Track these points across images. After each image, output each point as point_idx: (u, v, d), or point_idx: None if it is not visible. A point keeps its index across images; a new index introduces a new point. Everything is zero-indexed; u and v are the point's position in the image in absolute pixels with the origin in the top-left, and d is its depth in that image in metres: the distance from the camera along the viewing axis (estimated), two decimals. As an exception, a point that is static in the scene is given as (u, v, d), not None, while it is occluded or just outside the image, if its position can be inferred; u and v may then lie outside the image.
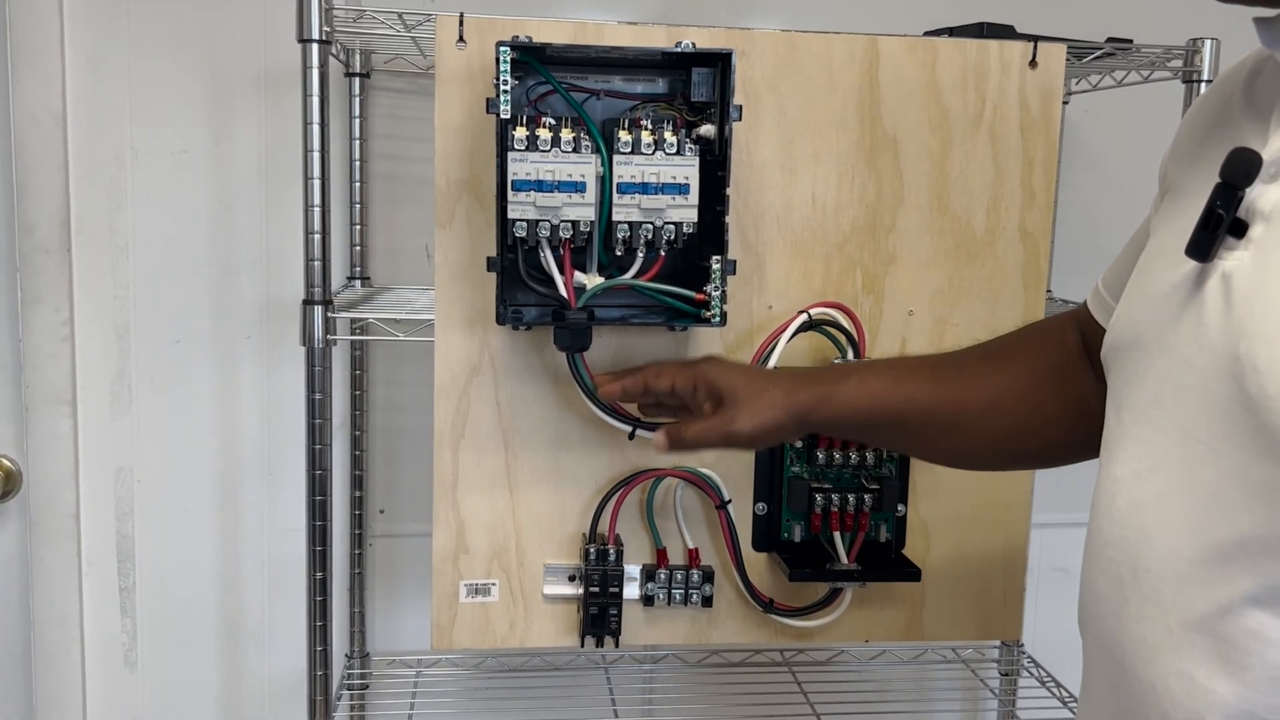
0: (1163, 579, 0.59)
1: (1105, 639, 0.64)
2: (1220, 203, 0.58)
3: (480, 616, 1.19)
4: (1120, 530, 0.63)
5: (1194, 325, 0.59)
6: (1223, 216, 0.58)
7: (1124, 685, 0.62)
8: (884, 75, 1.16)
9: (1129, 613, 0.61)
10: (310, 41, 1.09)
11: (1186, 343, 0.60)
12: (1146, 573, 0.60)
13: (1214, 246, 0.59)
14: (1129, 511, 0.62)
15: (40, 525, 1.45)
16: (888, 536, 1.19)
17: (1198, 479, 0.58)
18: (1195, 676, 0.57)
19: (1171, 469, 0.60)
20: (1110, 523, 0.64)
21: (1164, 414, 0.61)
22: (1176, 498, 0.59)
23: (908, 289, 1.19)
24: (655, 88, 1.10)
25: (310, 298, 1.13)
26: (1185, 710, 0.58)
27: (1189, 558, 0.58)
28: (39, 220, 1.40)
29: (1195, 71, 1.24)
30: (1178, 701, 0.58)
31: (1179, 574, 0.58)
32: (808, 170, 1.16)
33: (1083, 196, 1.60)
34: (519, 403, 1.15)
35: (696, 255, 1.08)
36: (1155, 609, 0.60)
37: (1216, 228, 0.58)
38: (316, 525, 1.17)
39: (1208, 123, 0.70)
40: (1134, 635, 0.61)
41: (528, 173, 1.01)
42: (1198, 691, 0.57)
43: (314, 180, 1.12)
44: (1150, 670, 0.60)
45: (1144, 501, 0.61)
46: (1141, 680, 0.60)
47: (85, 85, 1.41)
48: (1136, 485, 0.62)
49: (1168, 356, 0.61)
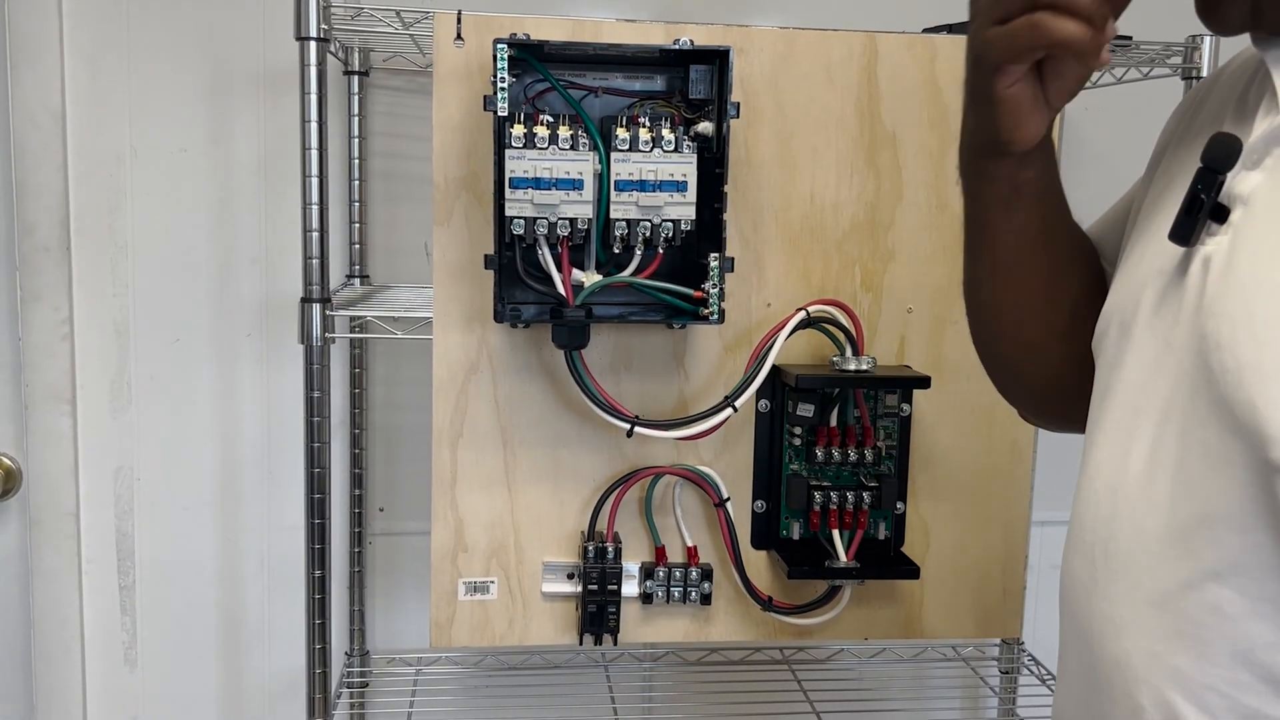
0: (1130, 558, 0.60)
1: (1077, 619, 0.65)
2: (1201, 187, 0.59)
3: (479, 614, 1.19)
4: (1095, 512, 0.63)
5: (1176, 309, 0.60)
6: (1204, 201, 0.58)
7: (1091, 664, 0.63)
8: (882, 72, 1.16)
9: (1098, 592, 0.62)
10: (308, 39, 1.09)
11: (1169, 326, 0.60)
12: (1116, 553, 0.61)
13: (1196, 231, 0.59)
14: (1105, 495, 0.63)
15: (40, 524, 1.45)
16: (887, 534, 1.19)
17: (1167, 458, 0.59)
18: (1158, 653, 0.58)
19: (1145, 450, 0.60)
20: (1087, 506, 0.65)
21: (1144, 397, 0.61)
22: (1149, 478, 0.60)
23: (907, 286, 1.19)
24: (653, 85, 1.10)
25: (308, 296, 1.13)
26: (1149, 687, 0.58)
27: (1156, 536, 0.58)
28: (39, 219, 1.40)
29: (1195, 68, 1.24)
30: (1141, 678, 0.58)
31: (1146, 551, 0.59)
32: (806, 167, 1.16)
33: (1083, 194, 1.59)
34: (517, 400, 1.15)
35: (695, 253, 1.08)
36: (1122, 587, 0.60)
37: (1198, 212, 0.59)
38: (315, 523, 1.17)
39: (1194, 111, 0.70)
40: (1102, 614, 0.62)
41: (525, 170, 1.01)
42: (1160, 668, 0.58)
43: (312, 178, 1.12)
44: (1116, 647, 0.60)
45: (1120, 484, 0.62)
46: (1106, 658, 0.61)
47: (84, 84, 1.41)
48: (1114, 469, 0.63)
49: (1150, 340, 0.62)
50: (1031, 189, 0.74)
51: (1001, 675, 1.55)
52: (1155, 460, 0.59)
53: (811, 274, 1.18)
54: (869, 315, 1.19)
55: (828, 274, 1.18)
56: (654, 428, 1.12)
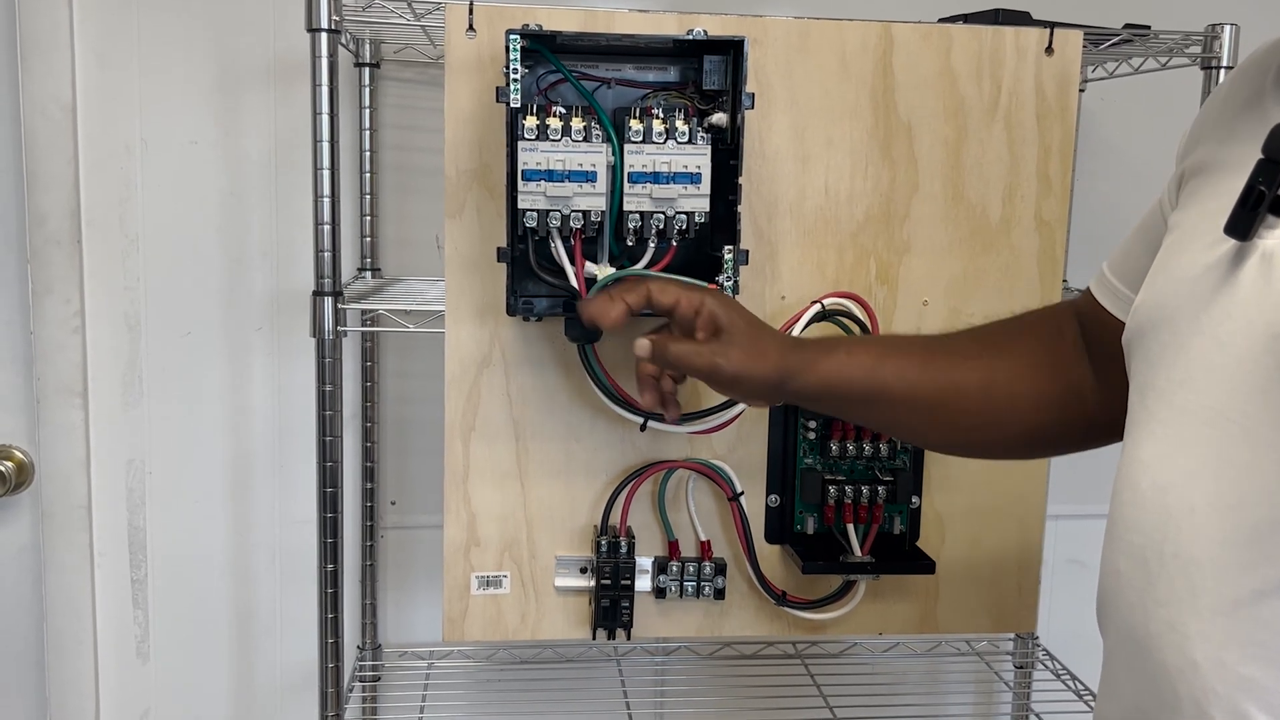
0: (1191, 562, 0.58)
1: (1128, 625, 0.63)
2: (1262, 179, 0.57)
3: (492, 609, 1.18)
4: (1143, 513, 0.62)
5: (1229, 305, 0.58)
6: (1264, 194, 0.57)
7: (1148, 672, 0.61)
8: (898, 62, 1.15)
9: (1154, 597, 0.60)
10: (319, 31, 1.08)
11: (1220, 322, 0.59)
12: (1174, 557, 0.59)
13: (1254, 225, 0.58)
14: (1152, 494, 0.61)
15: (52, 517, 1.45)
16: (902, 529, 1.19)
17: (1230, 459, 0.57)
18: (1229, 662, 0.56)
19: (1200, 450, 0.59)
20: (1133, 506, 0.63)
21: (1193, 395, 0.60)
22: (1205, 479, 0.58)
23: (922, 279, 1.18)
24: (667, 76, 1.09)
25: (320, 289, 1.13)
26: (1220, 698, 0.56)
27: (1220, 540, 0.57)
28: (49, 212, 1.40)
29: (1214, 58, 1.22)
30: (1210, 688, 0.57)
31: (1209, 556, 0.57)
32: (821, 159, 1.15)
33: (1100, 185, 1.59)
34: (530, 394, 1.15)
35: (709, 245, 1.07)
36: (1183, 593, 0.58)
37: (1257, 205, 0.57)
38: (327, 517, 1.17)
39: (1238, 104, 0.69)
40: (1160, 620, 0.60)
41: (538, 162, 1.00)
42: (1233, 678, 0.56)
43: (323, 171, 1.11)
44: (1179, 656, 0.58)
45: (1169, 483, 0.60)
46: (1168, 667, 0.59)
47: (95, 77, 1.40)
48: (1161, 467, 0.61)
49: (1199, 338, 0.60)
50: (835, 394, 0.91)
51: (1016, 670, 1.54)
52: (1220, 462, 0.58)
53: (826, 267, 1.17)
54: (884, 308, 1.18)
55: (842, 267, 1.17)
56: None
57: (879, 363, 0.90)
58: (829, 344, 0.94)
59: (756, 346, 0.91)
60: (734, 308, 0.95)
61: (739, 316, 0.94)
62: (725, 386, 0.94)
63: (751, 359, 0.90)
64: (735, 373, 0.90)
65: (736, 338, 0.92)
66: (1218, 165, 0.67)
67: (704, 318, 0.93)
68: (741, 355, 0.90)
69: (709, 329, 0.93)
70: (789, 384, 0.91)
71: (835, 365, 0.90)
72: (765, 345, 0.92)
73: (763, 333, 0.94)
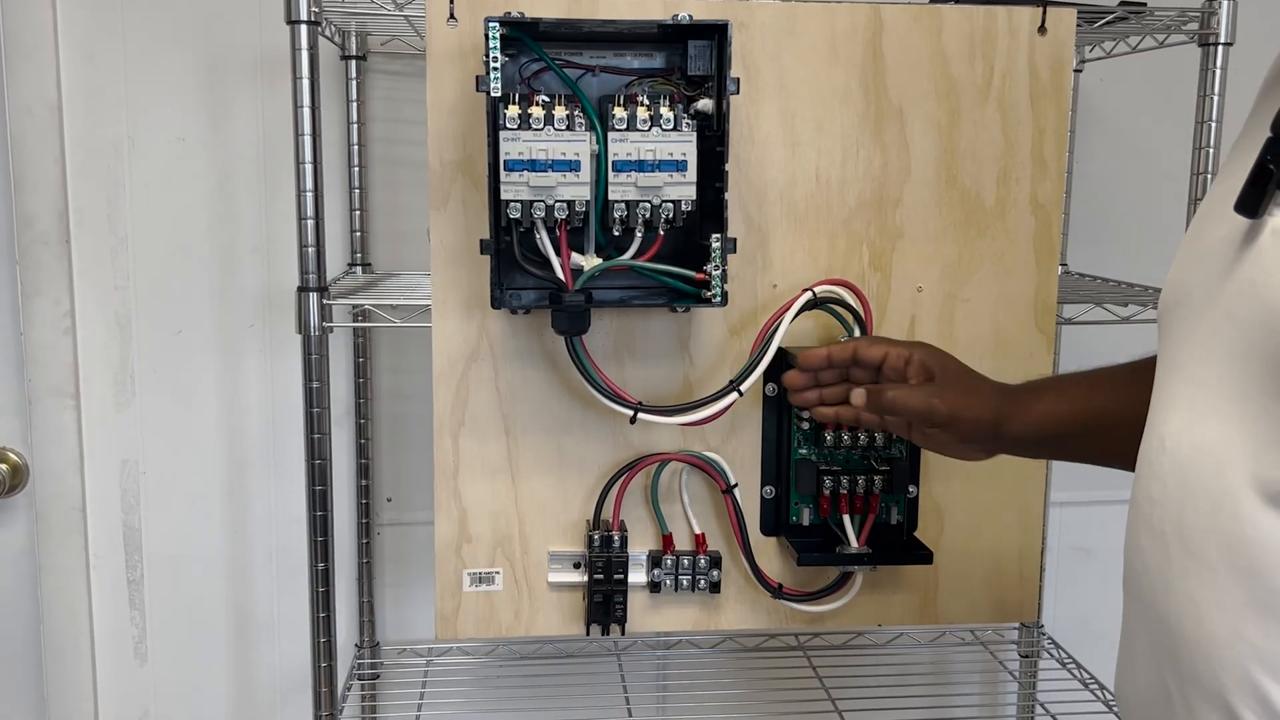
0: (1210, 535, 0.58)
1: (1150, 599, 0.63)
2: (1271, 158, 0.57)
3: (485, 606, 1.17)
4: (1164, 487, 0.62)
5: (1241, 281, 0.58)
6: (1273, 172, 0.57)
7: (1169, 646, 0.61)
8: (888, 45, 1.13)
9: (1174, 570, 0.60)
10: (299, 23, 1.07)
11: (1233, 299, 0.59)
12: (1193, 530, 0.59)
13: (1264, 202, 0.57)
14: (1172, 468, 0.61)
15: (47, 519, 1.44)
16: (899, 518, 1.17)
17: (1245, 433, 0.57)
18: (1247, 636, 0.56)
19: (1217, 424, 0.59)
20: (1155, 480, 0.63)
21: (1211, 370, 0.60)
22: (1222, 452, 0.58)
23: (916, 264, 1.16)
24: (652, 62, 1.07)
25: (305, 285, 1.11)
26: (1234, 667, 0.56)
27: (1235, 513, 0.57)
28: (37, 212, 1.39)
29: (1212, 34, 1.20)
30: (1228, 660, 0.57)
31: (1226, 528, 0.57)
32: (811, 144, 1.13)
33: (1099, 166, 1.56)
34: (519, 388, 1.13)
35: (697, 234, 1.05)
36: (1202, 565, 0.58)
37: (1266, 183, 0.57)
38: (317, 515, 1.16)
39: (1269, 83, 0.68)
40: (1180, 592, 0.60)
41: (520, 152, 0.99)
42: (1246, 649, 0.56)
43: (306, 165, 1.10)
44: (1198, 629, 0.58)
45: (1188, 458, 0.60)
46: (1189, 639, 0.59)
47: (80, 75, 1.39)
48: (1180, 442, 0.61)
49: (1214, 312, 0.60)
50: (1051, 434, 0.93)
51: (1021, 659, 1.52)
52: (1236, 436, 0.57)
53: (818, 254, 1.15)
54: (877, 295, 1.16)
55: (834, 253, 1.15)
56: (658, 413, 1.09)
57: (1090, 394, 0.92)
58: (1036, 385, 0.99)
59: (971, 388, 0.97)
60: (944, 355, 1.00)
61: (951, 361, 0.99)
62: (941, 428, 0.97)
63: (967, 400, 0.95)
64: (950, 412, 0.95)
65: (950, 381, 0.97)
66: (1243, 139, 0.67)
67: (915, 366, 0.98)
68: (956, 396, 0.95)
69: (921, 377, 0.97)
70: (1005, 426, 0.95)
71: (1049, 403, 0.94)
72: (979, 387, 0.97)
73: (975, 376, 0.99)
